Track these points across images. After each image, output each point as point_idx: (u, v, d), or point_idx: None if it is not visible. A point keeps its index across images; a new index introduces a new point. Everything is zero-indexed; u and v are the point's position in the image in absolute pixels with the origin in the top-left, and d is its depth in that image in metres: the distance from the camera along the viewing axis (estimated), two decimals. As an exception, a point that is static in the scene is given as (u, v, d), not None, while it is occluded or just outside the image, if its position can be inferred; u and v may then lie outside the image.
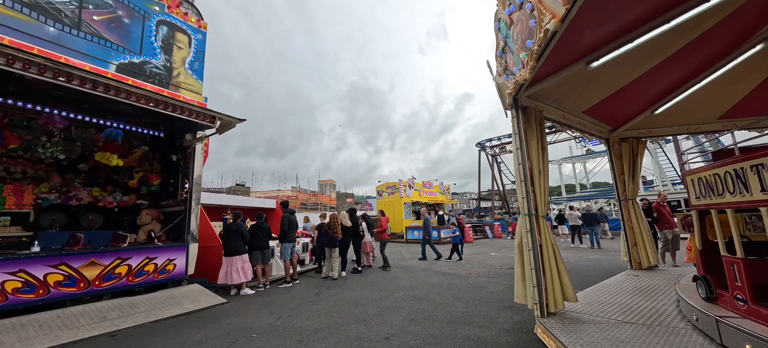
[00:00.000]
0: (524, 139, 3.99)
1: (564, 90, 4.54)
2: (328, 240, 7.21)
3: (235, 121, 5.35)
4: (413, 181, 21.23)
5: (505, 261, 9.29)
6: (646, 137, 6.66)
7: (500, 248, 13.04)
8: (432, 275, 7.39)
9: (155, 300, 4.98)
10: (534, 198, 3.86)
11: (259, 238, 6.50)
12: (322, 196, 39.64)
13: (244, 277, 6.04)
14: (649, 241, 6.12)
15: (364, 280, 7.13)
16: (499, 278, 6.84)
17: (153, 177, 6.51)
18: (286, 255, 6.75)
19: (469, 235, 16.73)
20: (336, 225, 7.22)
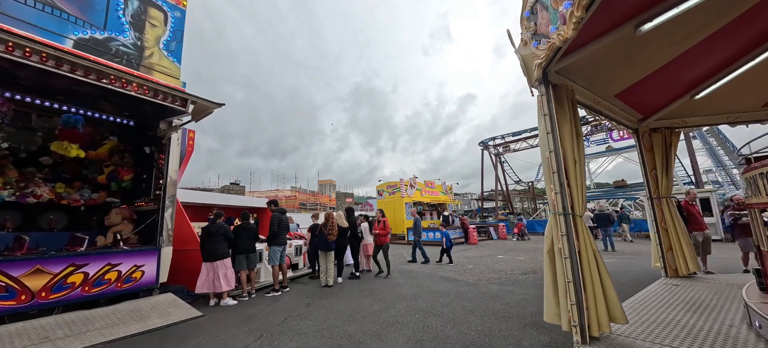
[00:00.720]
0: (556, 122, 3.25)
1: (600, 65, 3.81)
2: (323, 242, 6.47)
3: (212, 106, 4.63)
4: (415, 180, 20.49)
5: (515, 265, 8.54)
6: (680, 127, 5.92)
7: (507, 251, 12.29)
8: (437, 282, 6.65)
9: (116, 314, 4.25)
10: (569, 194, 3.12)
11: (243, 241, 5.77)
12: (322, 196, 38.93)
13: (225, 285, 5.31)
14: (687, 244, 5.37)
15: (362, 287, 6.38)
16: (512, 286, 6.09)
17: (124, 172, 5.79)
18: (274, 260, 6.01)
19: (473, 236, 15.99)
20: (332, 226, 6.48)
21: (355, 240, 7.65)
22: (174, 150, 5.44)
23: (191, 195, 7.37)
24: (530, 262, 9.14)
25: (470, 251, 12.38)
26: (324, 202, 34.72)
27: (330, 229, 6.43)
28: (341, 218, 6.95)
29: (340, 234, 6.82)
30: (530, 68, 3.39)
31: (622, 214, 13.67)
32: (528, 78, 3.51)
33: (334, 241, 6.60)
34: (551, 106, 3.28)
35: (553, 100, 3.31)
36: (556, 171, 3.14)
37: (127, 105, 4.95)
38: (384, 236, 7.63)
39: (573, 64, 3.59)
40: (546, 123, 3.28)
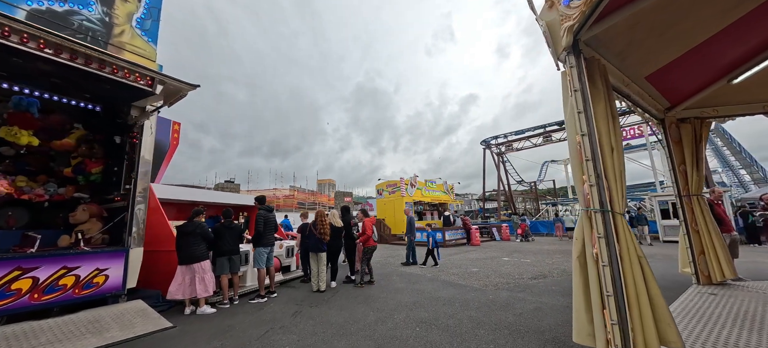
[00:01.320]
0: (589, 100, 2.67)
1: (636, 36, 3.23)
2: (314, 243, 5.89)
3: (186, 88, 4.05)
4: (415, 179, 19.92)
5: (522, 268, 7.95)
6: (711, 118, 5.34)
7: (512, 252, 11.69)
8: (440, 287, 6.06)
9: (69, 326, 3.67)
10: (607, 186, 2.54)
11: (225, 242, 5.19)
12: (321, 195, 38.37)
13: (202, 291, 4.73)
14: (722, 247, 4.78)
15: (357, 293, 5.80)
16: (523, 293, 5.51)
17: (92, 164, 5.21)
18: (260, 262, 5.43)
19: (475, 237, 15.40)
20: (323, 224, 5.90)
21: (351, 240, 7.06)
22: (147, 139, 4.87)
23: (174, 191, 6.79)
24: (538, 265, 8.55)
25: (473, 253, 11.79)
26: (323, 201, 34.13)
27: (321, 229, 5.85)
28: (335, 217, 6.37)
29: (333, 234, 6.24)
30: (557, 35, 2.81)
31: (639, 215, 12.96)
32: (554, 48, 2.93)
33: (327, 242, 6.02)
34: (583, 80, 2.70)
35: (584, 72, 2.73)
36: (590, 159, 2.55)
37: (86, 86, 4.37)
38: (366, 239, 6.52)
39: (606, 34, 3.01)
40: (576, 101, 2.69)
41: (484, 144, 28.11)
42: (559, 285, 6.04)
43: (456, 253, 11.98)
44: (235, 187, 15.16)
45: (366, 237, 6.48)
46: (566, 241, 15.75)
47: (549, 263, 8.82)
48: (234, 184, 15.15)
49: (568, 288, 5.74)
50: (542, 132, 24.30)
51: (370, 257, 6.61)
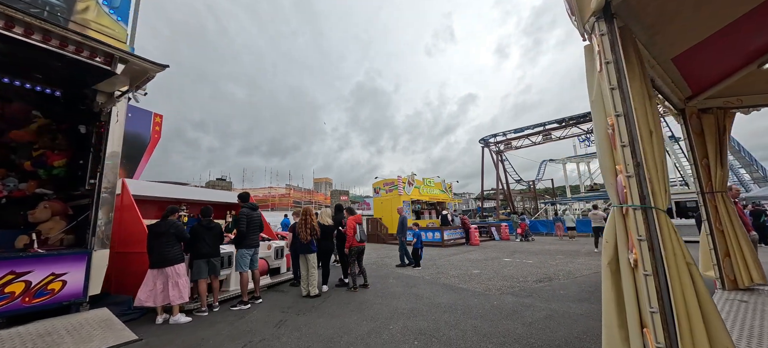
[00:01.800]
0: (625, 73, 2.22)
1: (670, 6, 2.79)
2: (302, 244, 5.41)
3: (153, 69, 3.55)
4: (413, 177, 19.49)
5: (526, 270, 7.52)
6: (735, 108, 4.92)
7: (513, 253, 11.28)
8: (439, 291, 5.61)
9: (14, 340, 3.18)
10: (648, 177, 2.09)
11: (204, 243, 4.70)
12: (318, 194, 37.84)
13: (177, 297, 4.24)
14: (749, 249, 4.37)
15: (350, 298, 5.33)
16: (531, 298, 5.06)
17: (54, 156, 4.68)
18: (243, 265, 4.94)
19: (474, 237, 14.99)
20: (310, 223, 5.42)
21: (343, 241, 6.60)
22: (115, 128, 4.36)
23: (154, 188, 6.28)
24: (542, 266, 8.13)
25: (473, 253, 11.36)
26: (319, 200, 33.61)
27: (306, 228, 5.37)
28: (325, 215, 5.89)
29: (324, 234, 5.77)
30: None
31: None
32: (578, 16, 2.47)
33: (317, 243, 5.56)
34: (617, 51, 2.24)
35: (618, 41, 2.27)
36: (627, 144, 2.09)
37: (34, 63, 3.85)
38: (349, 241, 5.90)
39: (639, 1, 2.57)
40: (609, 76, 2.23)
41: (483, 142, 27.74)
42: (566, 289, 5.61)
43: (455, 253, 11.55)
44: (227, 184, 14.64)
45: (348, 238, 5.88)
46: (567, 241, 15.38)
47: (553, 264, 8.41)
48: (226, 182, 14.63)
49: (577, 293, 5.32)
50: (542, 130, 23.97)
51: (358, 259, 6.12)
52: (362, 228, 6.12)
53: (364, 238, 6.10)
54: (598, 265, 8.15)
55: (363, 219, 7.20)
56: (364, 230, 6.23)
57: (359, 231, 5.96)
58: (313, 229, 5.48)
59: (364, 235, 6.14)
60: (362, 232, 6.07)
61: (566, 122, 22.57)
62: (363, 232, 6.11)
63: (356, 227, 5.93)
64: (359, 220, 6.05)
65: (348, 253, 5.90)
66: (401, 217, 9.06)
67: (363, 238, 6.06)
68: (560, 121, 22.89)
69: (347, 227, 5.91)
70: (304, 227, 5.37)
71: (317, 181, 49.27)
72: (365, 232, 6.26)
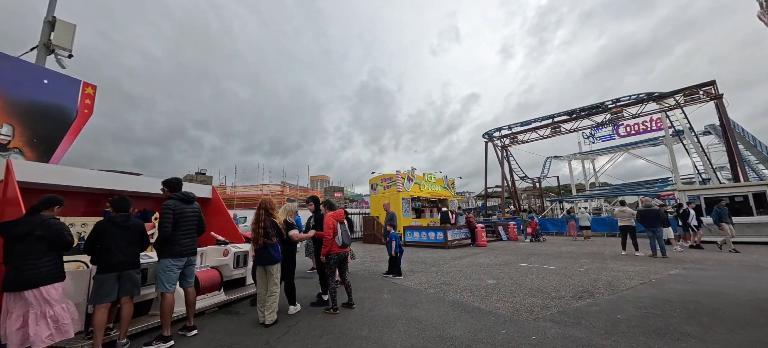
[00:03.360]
0: None
1: None
2: (258, 252, 3.90)
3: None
4: (413, 173, 17.97)
5: (552, 279, 6.02)
6: None
7: (528, 256, 9.78)
8: (450, 315, 4.10)
9: None
10: None
11: (115, 248, 3.18)
12: (314, 191, 36.29)
13: (43, 336, 2.72)
14: None
15: (324, 327, 3.81)
16: (579, 327, 3.55)
17: None
18: (164, 282, 3.40)
19: (481, 237, 13.47)
20: (265, 220, 3.90)
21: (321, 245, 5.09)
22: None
23: (69, 175, 4.73)
24: (569, 274, 6.63)
25: (482, 256, 9.85)
26: (314, 198, 32.11)
27: (261, 227, 3.85)
28: (289, 211, 4.39)
29: (288, 237, 4.25)
30: None
31: (721, 210, 10.54)
32: None
33: (278, 248, 4.04)
34: None
35: None
36: None
37: None
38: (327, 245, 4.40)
39: None
40: None
41: (487, 137, 26.21)
42: (623, 311, 4.10)
43: (461, 256, 10.05)
44: (207, 179, 13.30)
45: (326, 241, 4.37)
46: (582, 242, 13.89)
47: (581, 272, 6.90)
48: (206, 177, 13.29)
49: (641, 318, 3.81)
50: (550, 123, 22.43)
51: (340, 268, 4.61)
52: (346, 228, 4.55)
53: (347, 242, 4.52)
54: (639, 272, 6.66)
55: (357, 218, 5.71)
56: (348, 231, 4.63)
57: (342, 232, 4.42)
58: (275, 229, 3.97)
59: (347, 237, 4.55)
60: (346, 233, 4.50)
61: (577, 114, 21.05)
62: (347, 233, 4.53)
63: (337, 227, 4.40)
64: (341, 216, 4.51)
65: (325, 261, 4.39)
66: (388, 214, 7.50)
67: (346, 242, 4.50)
68: (570, 113, 21.36)
69: (325, 227, 4.39)
70: (257, 226, 3.85)
71: (314, 179, 47.73)
72: (349, 233, 4.66)
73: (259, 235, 3.85)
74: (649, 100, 19.07)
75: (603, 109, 20.14)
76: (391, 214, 7.49)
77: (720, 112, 16.60)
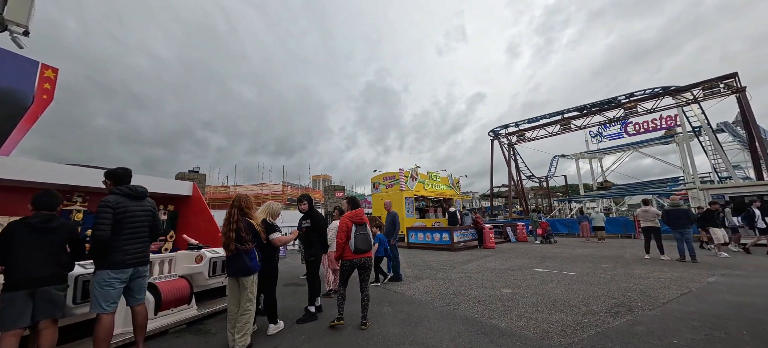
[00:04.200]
0: None
1: None
2: (232, 261, 3.17)
3: None
4: (417, 171, 17.20)
5: (576, 288, 5.23)
6: None
7: (542, 259, 8.98)
8: (463, 337, 3.34)
9: None
10: None
11: (23, 259, 2.47)
12: (315, 191, 35.65)
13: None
14: None
15: (310, 351, 3.09)
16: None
17: None
18: (102, 300, 2.66)
19: (489, 238, 12.68)
20: (237, 221, 3.18)
21: (318, 247, 4.34)
22: None
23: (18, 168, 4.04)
24: (594, 281, 5.84)
25: (492, 260, 9.07)
26: (317, 197, 31.43)
27: (232, 230, 3.13)
28: (270, 211, 3.66)
29: (270, 242, 3.53)
30: None
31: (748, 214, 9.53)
32: None
33: (256, 255, 3.30)
34: None
35: None
36: None
37: None
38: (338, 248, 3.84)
39: None
40: None
41: (493, 134, 25.35)
42: (676, 334, 3.31)
43: (469, 259, 9.27)
44: (201, 177, 12.68)
45: (338, 245, 3.75)
46: (596, 244, 13.06)
47: (606, 279, 6.10)
48: (198, 175, 12.69)
49: (703, 344, 3.03)
50: (560, 119, 21.52)
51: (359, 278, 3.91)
52: (364, 231, 3.80)
53: (362, 247, 3.72)
54: (674, 280, 5.85)
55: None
56: (369, 234, 3.88)
57: (356, 236, 3.70)
58: (251, 232, 3.24)
59: (364, 242, 3.75)
60: (362, 237, 3.74)
61: (588, 109, 20.14)
62: (365, 237, 3.78)
63: (352, 229, 3.72)
64: (358, 217, 3.86)
65: (340, 268, 3.75)
66: (390, 214, 6.71)
67: (361, 247, 3.71)
68: (581, 109, 20.45)
69: (338, 229, 3.77)
70: (229, 228, 3.12)
71: (316, 178, 47.10)
72: (370, 236, 3.89)
73: (230, 239, 3.12)
74: (665, 95, 18.14)
75: (615, 105, 19.22)
76: (392, 215, 6.70)
77: (742, 106, 15.63)
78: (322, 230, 4.34)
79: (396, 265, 6.49)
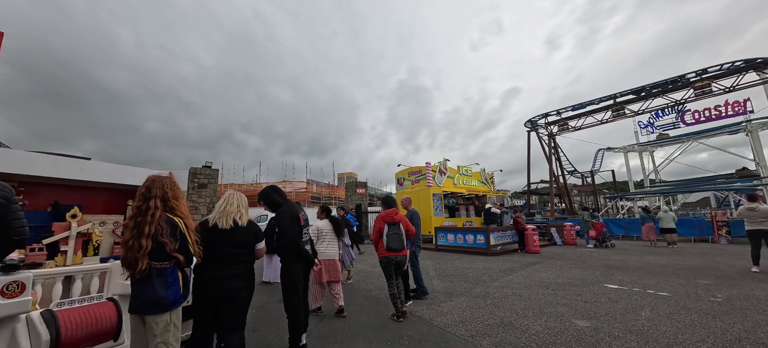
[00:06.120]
0: None
1: None
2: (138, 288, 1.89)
3: None
4: (445, 165, 15.49)
5: (685, 320, 3.47)
6: None
7: (608, 270, 7.09)
8: None
9: None
10: None
11: None
12: (339, 188, 34.84)
13: None
14: None
15: None
16: None
17: None
18: None
19: (533, 241, 10.79)
20: (149, 221, 1.88)
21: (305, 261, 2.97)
22: None
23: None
24: (707, 310, 4.00)
25: (541, 269, 7.29)
26: (339, 195, 30.55)
27: (148, 235, 1.84)
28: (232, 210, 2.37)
29: (224, 253, 2.24)
30: None
31: None
32: None
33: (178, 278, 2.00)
34: None
35: None
36: None
37: None
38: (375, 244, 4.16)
39: None
40: None
41: (530, 125, 22.89)
42: None
43: (511, 267, 7.56)
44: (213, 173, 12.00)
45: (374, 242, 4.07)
46: (669, 250, 10.73)
47: (720, 304, 4.24)
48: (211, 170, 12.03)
49: None
50: (611, 104, 18.76)
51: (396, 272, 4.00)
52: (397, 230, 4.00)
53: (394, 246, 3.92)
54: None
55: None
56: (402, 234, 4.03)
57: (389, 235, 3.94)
58: (179, 238, 1.95)
59: (396, 241, 3.95)
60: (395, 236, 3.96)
61: (647, 91, 17.26)
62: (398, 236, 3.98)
63: (384, 228, 3.99)
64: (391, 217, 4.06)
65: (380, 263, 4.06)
66: (409, 212, 5.29)
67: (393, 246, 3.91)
68: (638, 91, 17.60)
69: (374, 228, 4.11)
70: (139, 229, 1.86)
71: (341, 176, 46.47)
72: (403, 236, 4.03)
73: (139, 250, 1.85)
74: (748, 69, 15.01)
75: (682, 84, 16.26)
76: (412, 213, 5.26)
77: None
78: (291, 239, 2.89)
79: (417, 274, 5.04)
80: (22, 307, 2.34)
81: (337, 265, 4.20)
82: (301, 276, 2.87)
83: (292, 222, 2.87)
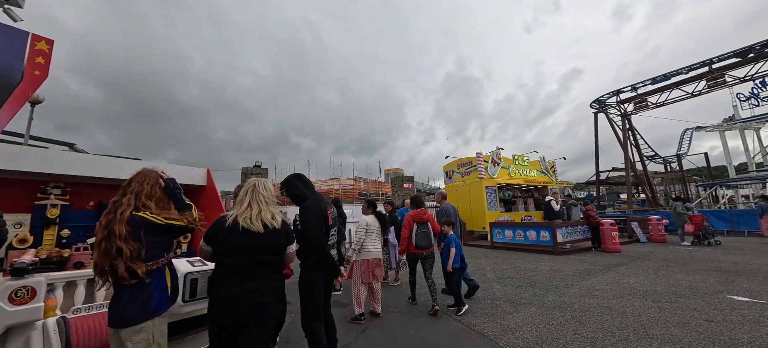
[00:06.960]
0: None
1: None
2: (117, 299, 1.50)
3: None
4: (499, 154, 14.15)
5: None
6: None
7: (724, 275, 5.55)
8: None
9: None
10: None
11: None
12: (385, 185, 34.62)
13: None
14: None
15: None
16: None
17: None
18: None
19: (612, 239, 9.16)
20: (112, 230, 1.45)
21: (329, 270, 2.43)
22: None
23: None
24: None
25: (626, 272, 5.94)
26: (386, 191, 30.24)
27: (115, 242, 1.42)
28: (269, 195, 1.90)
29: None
30: None
31: None
32: None
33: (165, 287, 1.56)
34: None
35: None
36: None
37: None
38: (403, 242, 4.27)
39: None
40: None
41: (597, 106, 20.07)
42: None
43: (588, 269, 6.31)
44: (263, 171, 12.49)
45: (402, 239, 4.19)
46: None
47: None
48: (261, 170, 12.52)
49: None
50: (706, 71, 15.50)
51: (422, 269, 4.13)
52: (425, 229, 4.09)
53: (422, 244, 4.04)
54: None
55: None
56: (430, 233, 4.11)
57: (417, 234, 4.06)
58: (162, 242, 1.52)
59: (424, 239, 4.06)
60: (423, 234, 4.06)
61: (756, 51, 13.85)
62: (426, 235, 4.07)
63: (414, 227, 4.09)
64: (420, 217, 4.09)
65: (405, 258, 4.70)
66: (444, 209, 4.84)
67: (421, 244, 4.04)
68: (744, 53, 14.23)
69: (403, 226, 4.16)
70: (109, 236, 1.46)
71: (387, 172, 46.26)
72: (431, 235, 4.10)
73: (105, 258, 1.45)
74: None
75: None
76: (446, 209, 4.67)
77: None
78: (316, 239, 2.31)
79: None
80: (32, 315, 2.13)
81: (381, 265, 3.77)
82: (323, 287, 2.33)
83: (318, 219, 2.34)
